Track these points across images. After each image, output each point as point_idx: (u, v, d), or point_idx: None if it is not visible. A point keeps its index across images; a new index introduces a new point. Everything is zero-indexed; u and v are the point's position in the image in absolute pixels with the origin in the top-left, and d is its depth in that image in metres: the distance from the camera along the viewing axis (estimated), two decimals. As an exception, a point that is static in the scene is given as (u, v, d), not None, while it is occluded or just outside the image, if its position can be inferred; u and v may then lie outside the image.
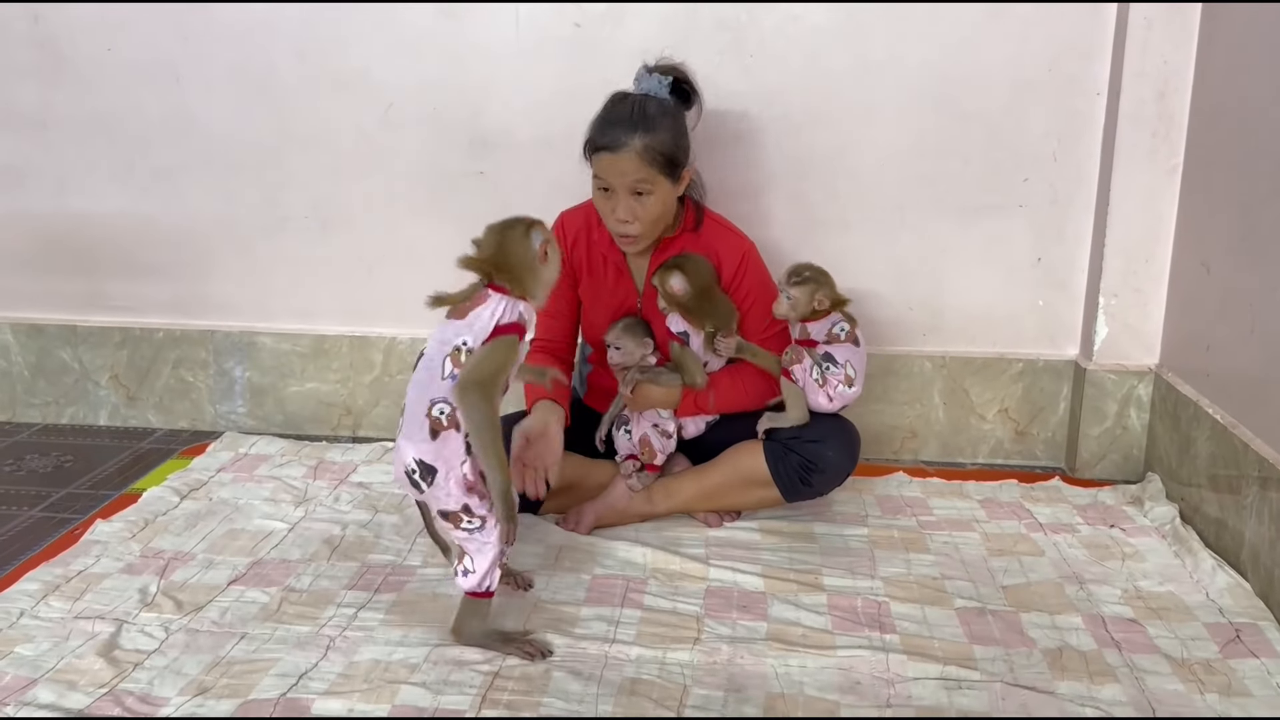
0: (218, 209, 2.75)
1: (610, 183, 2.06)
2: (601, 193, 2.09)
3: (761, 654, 1.72)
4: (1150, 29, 2.35)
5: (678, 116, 2.12)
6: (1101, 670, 1.69)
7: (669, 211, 2.13)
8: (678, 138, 2.08)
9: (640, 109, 2.07)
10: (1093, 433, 2.54)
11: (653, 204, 2.07)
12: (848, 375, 2.09)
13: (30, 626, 1.77)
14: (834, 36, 2.49)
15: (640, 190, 2.05)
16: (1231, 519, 2.05)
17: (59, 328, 2.85)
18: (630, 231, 2.09)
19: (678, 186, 2.11)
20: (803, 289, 2.10)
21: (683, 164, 2.10)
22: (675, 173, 2.08)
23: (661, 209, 2.09)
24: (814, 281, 2.11)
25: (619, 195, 2.06)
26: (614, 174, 2.05)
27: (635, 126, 2.03)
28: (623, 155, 2.03)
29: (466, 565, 1.70)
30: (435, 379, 1.63)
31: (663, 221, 2.13)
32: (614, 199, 2.07)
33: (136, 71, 2.67)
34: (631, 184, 2.05)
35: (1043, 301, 2.61)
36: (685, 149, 2.11)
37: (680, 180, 2.11)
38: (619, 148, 2.03)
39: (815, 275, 2.12)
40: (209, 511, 2.25)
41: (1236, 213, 2.14)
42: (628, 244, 2.14)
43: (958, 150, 2.53)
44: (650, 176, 2.04)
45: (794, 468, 2.11)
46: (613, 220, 2.10)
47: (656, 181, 2.05)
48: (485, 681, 1.63)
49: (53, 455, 2.64)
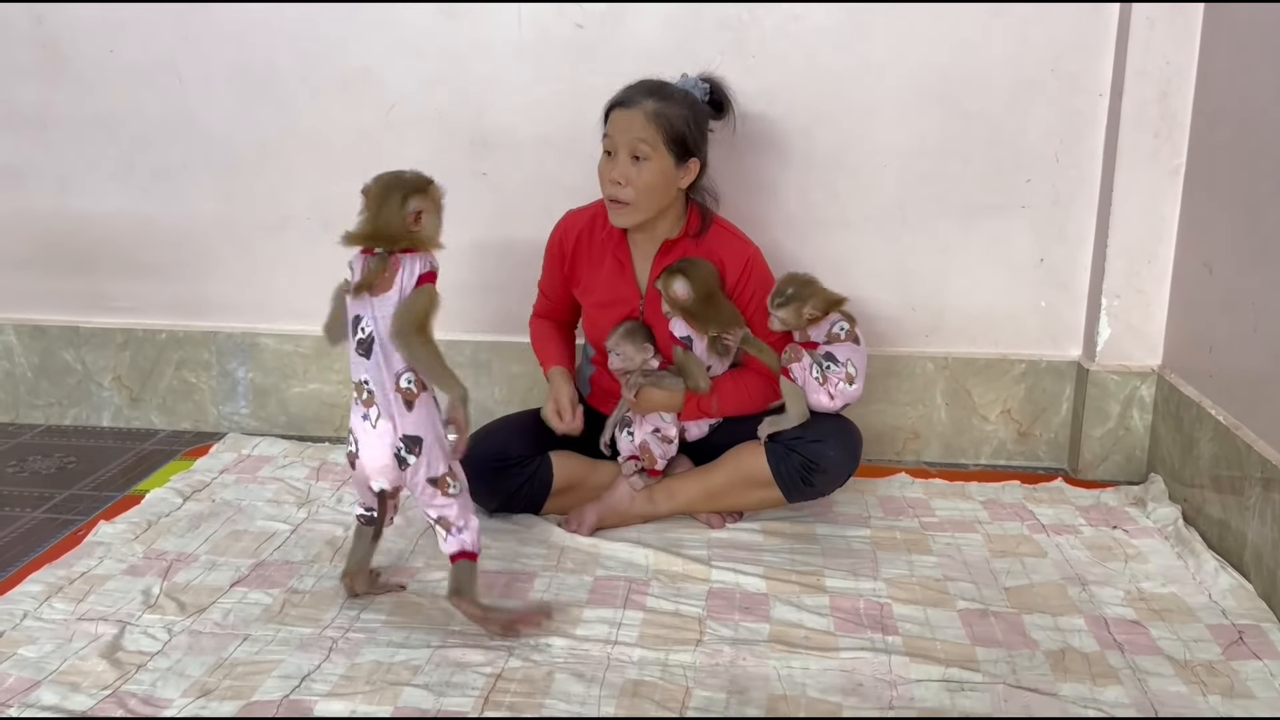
0: (219, 209, 2.75)
1: (614, 140, 2.08)
2: (605, 156, 2.11)
3: (764, 655, 1.72)
4: (1152, 28, 2.34)
5: (699, 110, 2.15)
6: (1104, 672, 1.69)
7: (666, 191, 2.12)
8: (692, 122, 2.11)
9: (664, 84, 2.13)
10: (1095, 434, 2.54)
11: (649, 172, 2.07)
12: (849, 373, 2.09)
13: (33, 628, 1.78)
14: (835, 36, 2.49)
15: (639, 154, 2.06)
16: (1234, 520, 2.05)
17: (61, 329, 2.85)
18: (621, 196, 2.09)
19: (680, 171, 2.12)
20: (787, 310, 2.11)
21: (691, 151, 2.11)
22: (680, 152, 2.09)
23: (657, 181, 2.09)
24: (796, 299, 2.11)
25: (618, 157, 2.08)
26: (619, 129, 2.08)
27: (653, 93, 2.09)
28: (632, 111, 2.07)
29: (457, 524, 1.77)
30: (392, 354, 1.72)
31: (657, 199, 2.12)
32: (613, 162, 2.09)
33: (138, 72, 2.67)
34: (633, 143, 2.06)
35: (1045, 302, 2.61)
36: (696, 139, 2.13)
37: (684, 168, 2.12)
38: (631, 104, 2.08)
39: (797, 292, 2.12)
40: (212, 513, 2.25)
41: (1239, 213, 2.14)
42: (617, 211, 2.12)
43: (959, 150, 2.53)
44: (652, 140, 2.06)
45: (795, 468, 2.11)
46: (607, 183, 2.10)
47: (657, 149, 2.06)
48: (487, 683, 1.64)
49: (56, 456, 2.65)
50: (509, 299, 2.63)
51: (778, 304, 2.11)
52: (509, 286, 2.64)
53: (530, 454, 2.19)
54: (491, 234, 2.67)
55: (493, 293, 2.70)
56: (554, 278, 2.31)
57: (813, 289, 2.13)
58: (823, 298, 2.13)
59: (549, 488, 2.20)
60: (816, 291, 2.13)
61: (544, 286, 2.36)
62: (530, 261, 2.36)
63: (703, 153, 2.15)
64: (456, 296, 2.68)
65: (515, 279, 2.60)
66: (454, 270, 2.69)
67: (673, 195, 2.15)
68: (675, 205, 2.18)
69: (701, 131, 2.15)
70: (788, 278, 2.15)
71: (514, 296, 2.58)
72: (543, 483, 2.19)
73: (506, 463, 2.16)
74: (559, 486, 2.21)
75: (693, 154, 2.12)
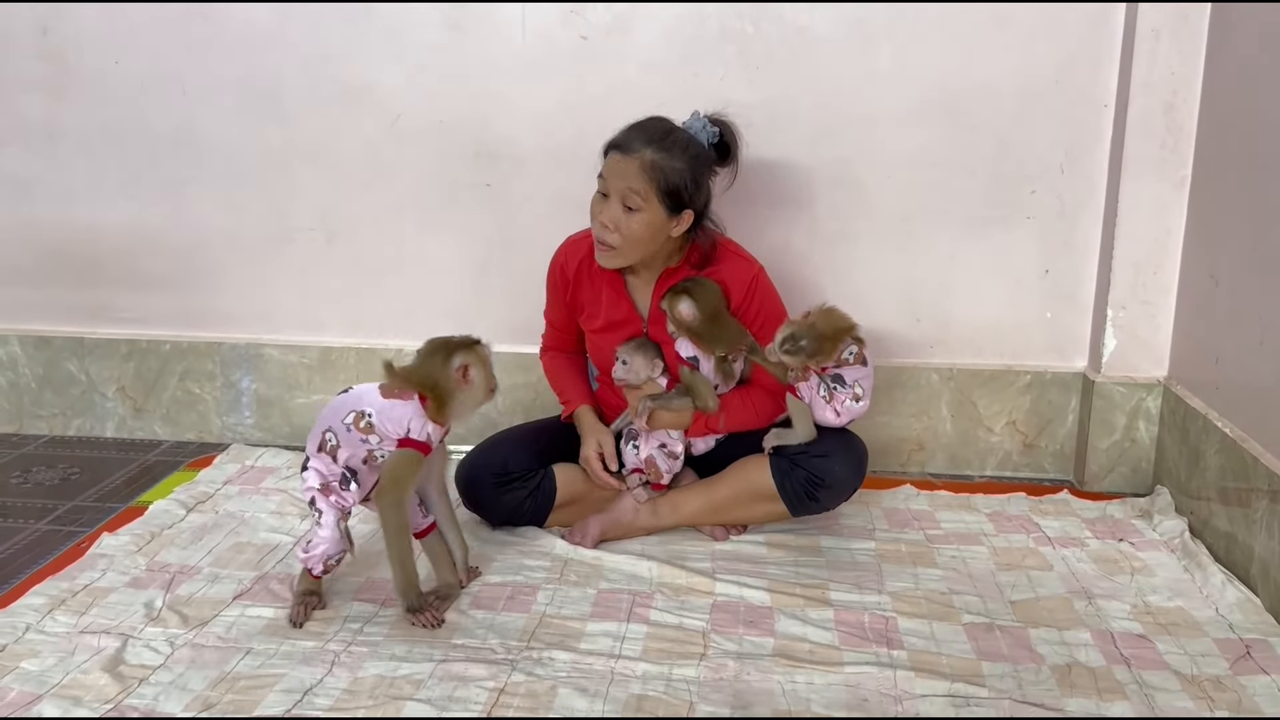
0: (224, 221, 2.75)
1: (608, 184, 2.05)
2: (599, 197, 2.08)
3: (768, 670, 1.71)
4: (1158, 39, 2.34)
5: (702, 161, 2.08)
6: (1110, 687, 1.67)
7: (654, 240, 2.08)
8: (690, 175, 2.04)
9: (668, 132, 2.06)
10: (1101, 445, 2.53)
11: (638, 223, 2.04)
12: (855, 393, 2.08)
13: (36, 641, 1.77)
14: (840, 47, 2.49)
15: (630, 204, 2.03)
16: (1241, 533, 2.03)
17: (66, 339, 2.86)
18: (608, 240, 2.07)
19: (672, 222, 2.07)
20: (795, 359, 2.01)
21: (685, 203, 2.05)
22: (673, 205, 2.04)
23: (645, 233, 2.05)
24: (804, 354, 1.99)
25: (611, 201, 2.05)
26: (614, 174, 2.04)
27: (654, 141, 2.03)
28: (629, 159, 2.02)
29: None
30: (338, 416, 1.86)
31: (644, 248, 2.09)
32: (606, 204, 2.06)
33: (144, 84, 2.68)
34: (625, 192, 2.02)
35: (1051, 313, 2.60)
36: (693, 192, 2.05)
37: (677, 219, 2.07)
38: (629, 150, 2.03)
39: (808, 348, 1.99)
40: (215, 525, 2.25)
41: (1245, 224, 2.13)
42: (602, 252, 2.10)
43: (965, 162, 2.52)
44: (644, 192, 2.02)
45: (800, 482, 2.10)
46: (597, 224, 2.08)
47: (649, 201, 2.02)
48: (490, 698, 1.63)
49: (59, 467, 2.65)
50: (512, 310, 2.62)
51: (785, 350, 1.99)
52: (512, 297, 2.64)
53: (533, 467, 2.18)
54: (495, 245, 2.68)
55: (496, 304, 2.69)
56: (558, 306, 2.29)
57: (822, 345, 2.00)
58: (830, 354, 2.02)
59: (553, 500, 2.19)
60: (825, 349, 2.00)
61: (550, 317, 2.34)
62: (533, 272, 2.34)
63: (699, 204, 2.09)
64: (460, 308, 2.70)
65: (518, 290, 2.60)
66: (457, 281, 2.72)
67: (661, 243, 2.10)
68: (667, 246, 2.14)
69: (699, 184, 2.07)
70: (802, 327, 2.00)
71: (517, 307, 2.58)
72: (546, 496, 2.19)
73: (509, 476, 2.16)
74: (563, 499, 2.20)
75: (687, 206, 2.07)
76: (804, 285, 2.55)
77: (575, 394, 2.28)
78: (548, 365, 2.36)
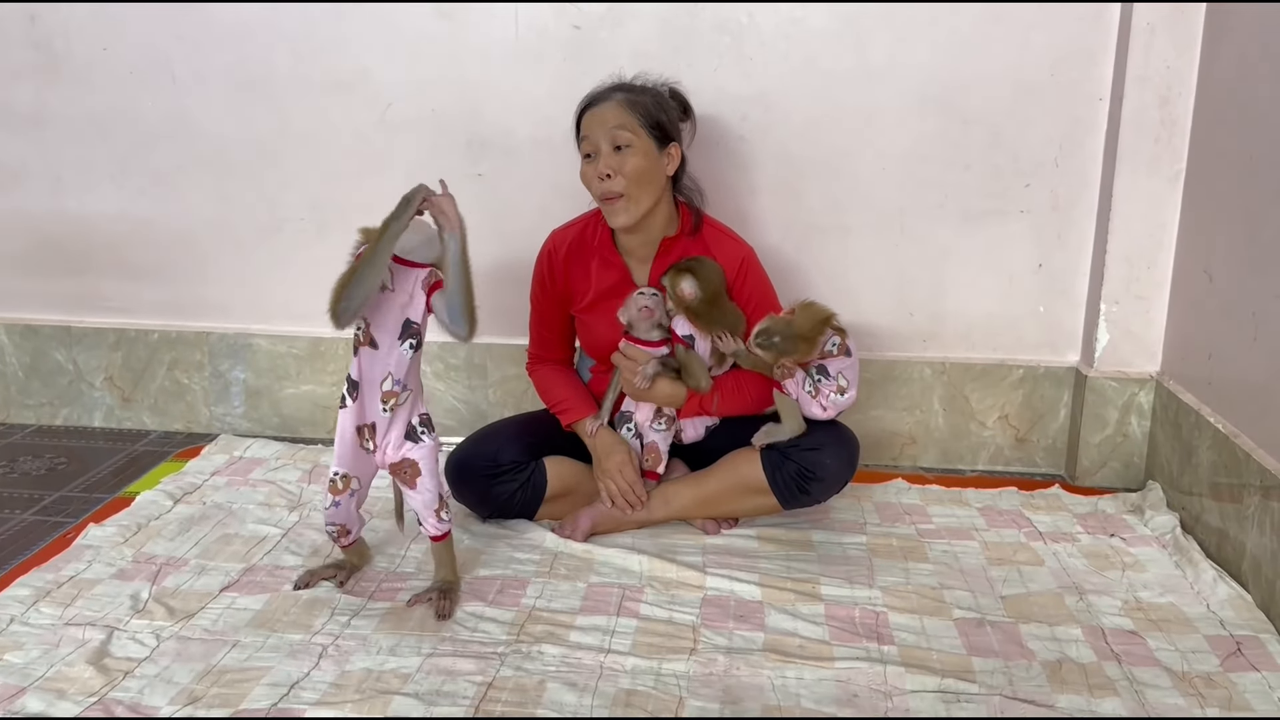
0: (214, 210, 2.73)
1: (593, 139, 2.07)
2: (586, 160, 2.09)
3: (758, 665, 1.70)
4: (1153, 34, 2.33)
5: (667, 100, 2.16)
6: (1101, 683, 1.67)
7: (654, 176, 2.09)
8: (663, 108, 2.12)
9: (629, 80, 2.16)
10: (1093, 440, 2.53)
11: (634, 156, 2.06)
12: (839, 385, 2.07)
13: (20, 633, 1.76)
14: (834, 40, 2.47)
15: (620, 142, 2.05)
16: (1233, 529, 2.03)
17: (54, 328, 2.84)
18: (614, 188, 2.06)
19: (664, 156, 2.11)
20: (768, 354, 2.01)
21: (670, 135, 2.11)
22: (660, 136, 2.09)
23: (644, 164, 2.07)
24: (776, 350, 2.00)
25: (600, 154, 2.06)
26: (595, 125, 2.07)
27: (620, 87, 2.15)
28: (604, 105, 2.08)
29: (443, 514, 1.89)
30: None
31: (647, 185, 2.08)
32: (597, 160, 2.06)
33: (133, 72, 2.66)
34: (612, 133, 2.05)
35: (1044, 308, 2.60)
36: (675, 123, 2.14)
37: (667, 154, 2.11)
38: (601, 100, 2.10)
39: (780, 345, 1.99)
40: (202, 516, 2.23)
41: (1239, 220, 2.12)
42: (613, 206, 2.08)
43: (959, 155, 2.51)
44: (631, 126, 2.05)
45: (791, 476, 2.09)
46: (595, 182, 2.08)
47: (638, 134, 2.06)
48: (479, 692, 1.62)
49: (46, 457, 2.63)
50: (504, 301, 2.60)
51: (759, 344, 2.00)
52: (504, 288, 2.62)
53: (523, 460, 2.17)
54: (487, 235, 2.65)
55: (488, 295, 2.66)
56: (549, 303, 2.27)
57: (798, 344, 2.00)
58: (808, 351, 2.02)
59: (543, 493, 2.18)
60: (803, 349, 2.01)
61: (536, 324, 2.31)
62: (525, 262, 2.33)
63: (681, 140, 2.15)
64: (451, 299, 2.68)
65: (510, 281, 2.58)
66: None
67: (663, 183, 2.12)
68: (666, 200, 2.16)
69: (674, 119, 2.15)
70: (779, 322, 2.01)
71: (509, 298, 2.56)
72: (536, 488, 2.17)
73: (500, 469, 2.14)
74: (553, 492, 2.19)
75: (672, 138, 2.12)
76: (796, 278, 2.54)
77: (576, 402, 2.24)
78: (539, 380, 2.32)
